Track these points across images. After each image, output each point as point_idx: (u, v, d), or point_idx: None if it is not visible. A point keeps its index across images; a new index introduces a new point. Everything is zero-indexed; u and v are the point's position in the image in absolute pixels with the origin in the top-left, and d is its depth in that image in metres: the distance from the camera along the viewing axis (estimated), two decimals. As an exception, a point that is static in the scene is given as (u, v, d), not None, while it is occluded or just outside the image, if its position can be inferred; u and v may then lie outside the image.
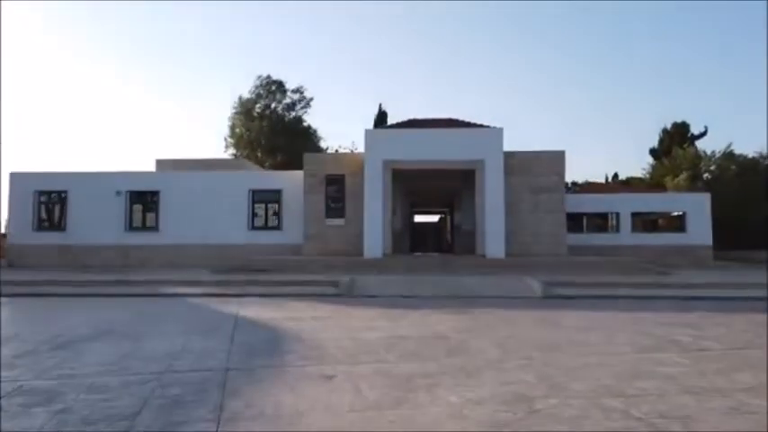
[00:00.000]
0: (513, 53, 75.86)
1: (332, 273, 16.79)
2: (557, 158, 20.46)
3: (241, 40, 71.03)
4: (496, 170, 19.36)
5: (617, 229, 24.27)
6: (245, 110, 44.16)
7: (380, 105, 43.57)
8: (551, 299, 12.32)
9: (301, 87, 43.87)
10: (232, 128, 44.83)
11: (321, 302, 11.55)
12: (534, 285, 13.53)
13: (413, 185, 21.91)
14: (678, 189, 28.60)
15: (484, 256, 19.20)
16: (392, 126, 20.78)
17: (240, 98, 44.30)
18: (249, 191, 22.09)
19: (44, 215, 22.52)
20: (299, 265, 18.01)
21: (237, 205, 21.99)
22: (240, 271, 17.38)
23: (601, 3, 68.45)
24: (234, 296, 12.61)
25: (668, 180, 30.03)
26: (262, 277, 15.62)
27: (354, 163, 20.48)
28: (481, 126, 20.25)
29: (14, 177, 22.26)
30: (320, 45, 70.62)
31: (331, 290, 13.35)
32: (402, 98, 78.50)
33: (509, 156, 19.94)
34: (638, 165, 79.14)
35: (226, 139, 45.14)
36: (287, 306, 10.90)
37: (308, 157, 21.22)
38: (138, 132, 70.59)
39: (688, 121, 40.29)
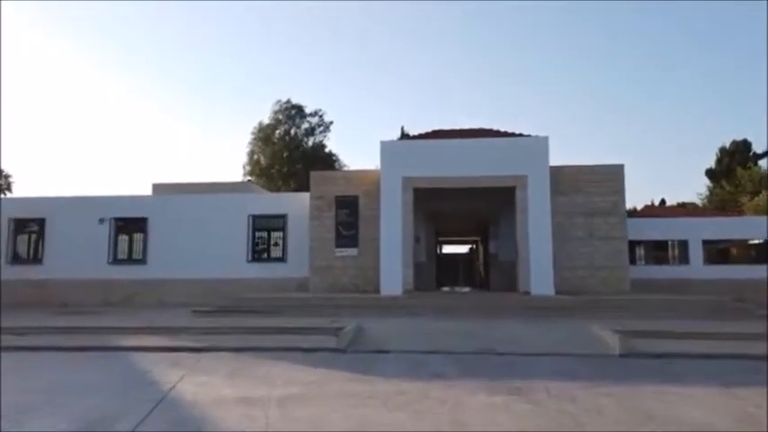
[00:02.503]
0: (538, 68, 72.77)
1: (340, 314, 13.48)
2: (615, 173, 16.87)
3: (268, 66, 69.72)
4: (541, 188, 15.86)
5: (684, 259, 20.33)
6: (263, 136, 42.16)
7: (402, 128, 40.65)
8: (636, 358, 8.66)
9: (319, 111, 41.68)
10: (251, 154, 42.87)
11: (309, 364, 8.17)
12: (607, 337, 9.90)
13: (439, 208, 18.55)
14: (757, 211, 24.46)
15: (528, 293, 15.57)
16: (414, 138, 17.50)
17: (261, 124, 42.39)
18: (249, 216, 19.02)
19: (19, 246, 19.81)
20: (301, 304, 14.68)
21: (236, 233, 18.92)
22: (227, 312, 14.16)
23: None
24: (197, 351, 9.36)
25: (746, 202, 25.85)
26: (248, 322, 12.34)
27: (369, 182, 17.24)
28: (521, 135, 16.86)
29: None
30: (342, 69, 68.81)
31: (329, 341, 9.94)
32: (428, 124, 75.87)
33: (556, 171, 16.47)
34: (686, 187, 74.39)
35: (244, 167, 43.19)
36: (256, 371, 7.57)
37: (314, 177, 18.06)
38: (162, 164, 69.24)
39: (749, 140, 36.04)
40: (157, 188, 22.39)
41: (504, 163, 15.97)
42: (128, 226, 19.52)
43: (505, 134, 17.09)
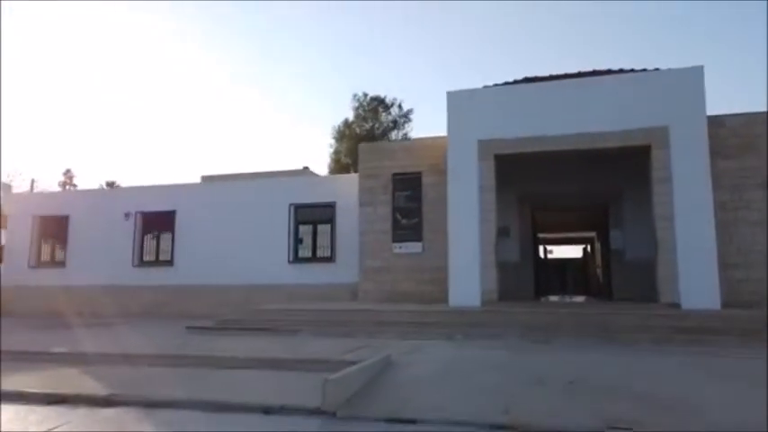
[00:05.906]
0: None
1: (383, 335, 9.16)
2: (812, 122, 11.00)
3: (354, 61, 67.22)
4: (695, 144, 10.44)
5: None
6: (345, 132, 39.93)
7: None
8: None
9: (396, 100, 39.28)
10: (334, 153, 40.86)
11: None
12: None
13: (535, 189, 13.57)
14: None
15: (676, 305, 10.19)
16: (495, 87, 12.61)
17: (346, 120, 40.39)
18: (290, 206, 15.22)
19: (43, 247, 17.48)
20: (332, 319, 10.45)
21: (275, 228, 15.22)
22: (230, 329, 10.29)
23: None
24: (95, 403, 5.41)
25: None
26: (236, 346, 8.33)
27: (437, 153, 12.68)
28: (657, 70, 11.44)
29: (14, 199, 17.62)
30: (426, 58, 64.44)
31: (315, 396, 5.42)
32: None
33: (714, 123, 10.96)
34: None
35: (329, 166, 41.12)
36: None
37: (363, 149, 13.85)
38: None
39: None
40: (206, 180, 19.37)
41: (634, 111, 10.76)
42: (155, 221, 16.51)
43: (631, 72, 11.74)
